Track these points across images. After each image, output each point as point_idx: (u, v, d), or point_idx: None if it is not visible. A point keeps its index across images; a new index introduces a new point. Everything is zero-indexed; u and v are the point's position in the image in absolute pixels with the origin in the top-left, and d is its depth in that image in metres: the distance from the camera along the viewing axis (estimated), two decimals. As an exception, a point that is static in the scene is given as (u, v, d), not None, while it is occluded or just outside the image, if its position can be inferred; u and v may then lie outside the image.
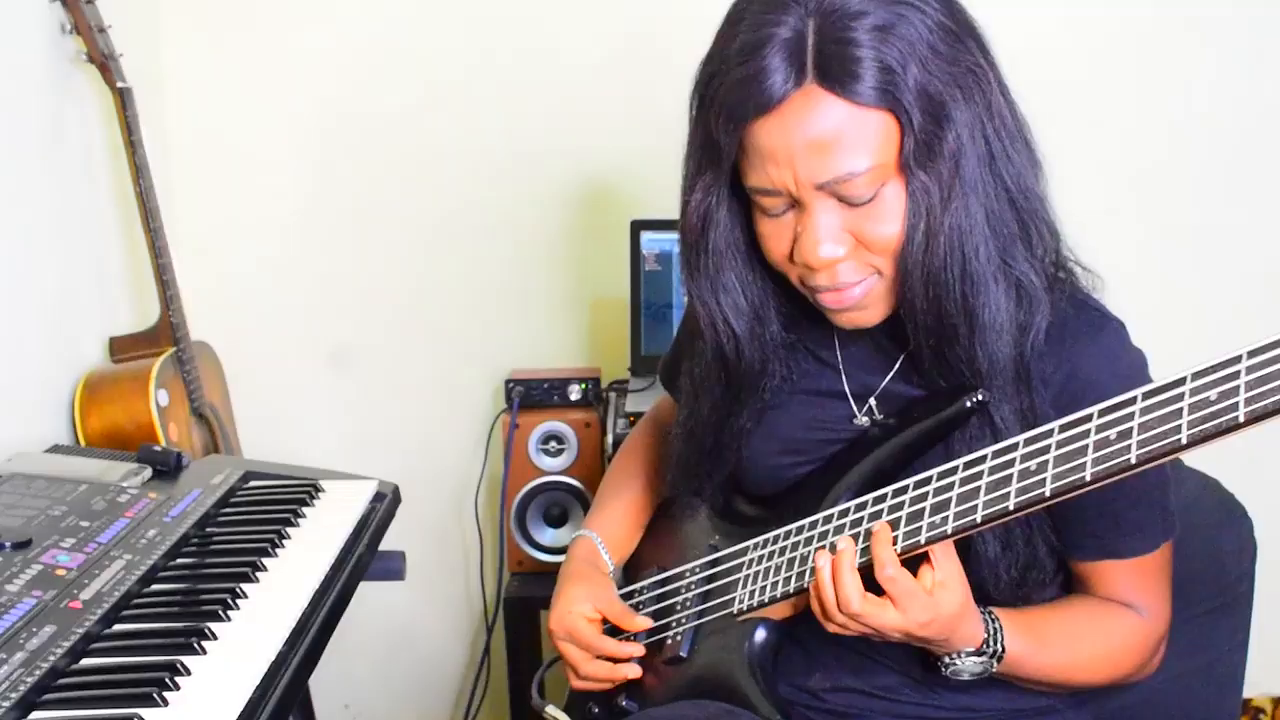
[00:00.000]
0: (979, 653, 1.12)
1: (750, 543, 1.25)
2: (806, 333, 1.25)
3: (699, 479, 1.31)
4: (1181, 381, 0.91)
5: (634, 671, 1.30)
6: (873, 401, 1.22)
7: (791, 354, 1.24)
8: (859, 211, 1.08)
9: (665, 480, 1.39)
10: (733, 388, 1.24)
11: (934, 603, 1.07)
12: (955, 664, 1.14)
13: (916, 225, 1.08)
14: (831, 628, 1.12)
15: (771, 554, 1.21)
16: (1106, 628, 1.20)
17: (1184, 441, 0.89)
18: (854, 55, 1.02)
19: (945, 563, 1.09)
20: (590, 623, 1.32)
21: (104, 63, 1.92)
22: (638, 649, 1.31)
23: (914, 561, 1.09)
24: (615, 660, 1.31)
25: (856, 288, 1.12)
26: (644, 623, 1.31)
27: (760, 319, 1.21)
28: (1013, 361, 1.11)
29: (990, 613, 1.14)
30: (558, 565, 1.42)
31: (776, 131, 1.06)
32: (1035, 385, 1.12)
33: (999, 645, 1.13)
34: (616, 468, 1.52)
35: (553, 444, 2.24)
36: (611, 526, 1.44)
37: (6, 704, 1.00)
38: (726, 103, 1.07)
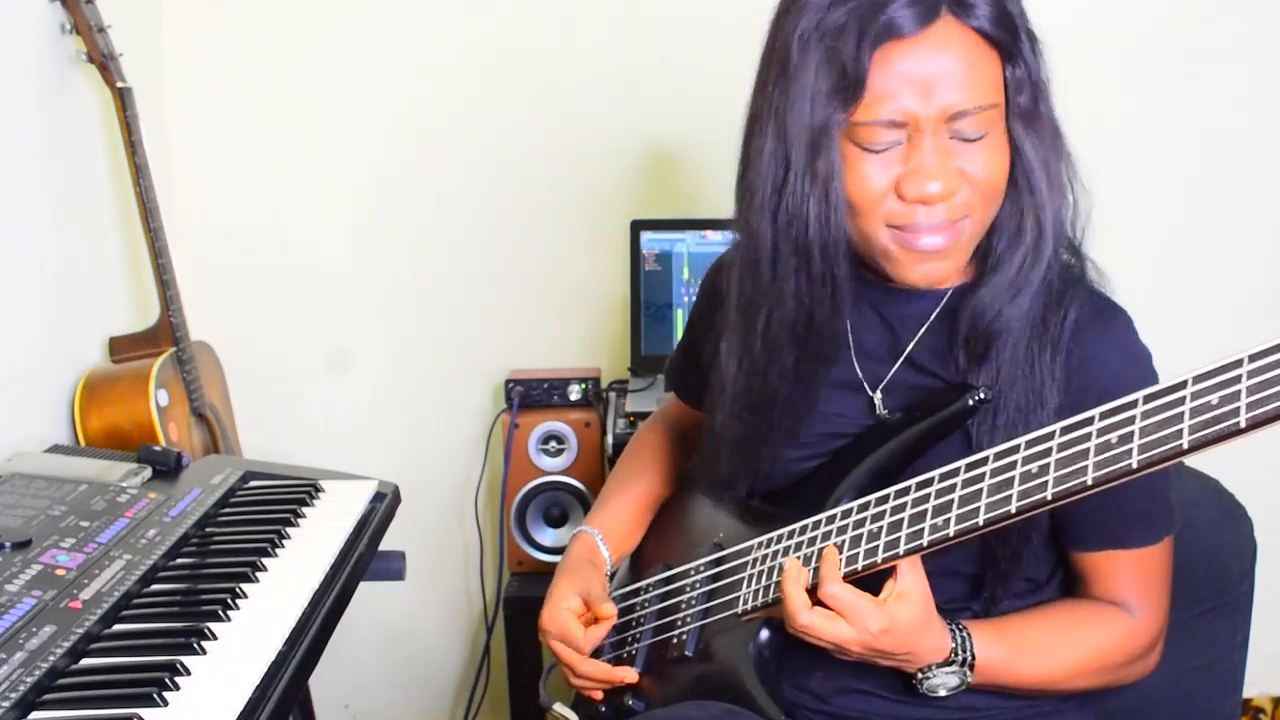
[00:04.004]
0: (948, 663, 1.14)
1: (755, 541, 1.25)
2: None
3: (755, 459, 1.27)
4: (1183, 385, 0.90)
5: (630, 676, 1.30)
6: (879, 395, 1.23)
7: None
8: (968, 148, 1.11)
9: (701, 476, 1.36)
10: (809, 349, 1.21)
11: (887, 613, 1.09)
12: (929, 678, 1.15)
13: (1035, 170, 1.13)
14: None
15: (775, 553, 1.21)
16: (1089, 631, 1.19)
17: (1185, 446, 0.88)
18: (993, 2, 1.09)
19: (908, 576, 1.10)
20: (579, 619, 1.32)
21: (104, 63, 1.92)
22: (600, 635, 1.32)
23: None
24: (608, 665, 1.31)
25: (949, 231, 1.13)
26: (609, 609, 1.32)
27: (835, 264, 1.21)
28: (1032, 316, 1.15)
29: (957, 623, 1.15)
30: (558, 565, 1.42)
31: (917, 57, 1.08)
32: (1057, 350, 1.14)
33: (968, 654, 1.14)
34: (622, 465, 1.52)
35: (553, 444, 2.24)
36: (613, 522, 1.44)
37: (6, 704, 1.00)
38: (864, 28, 1.08)
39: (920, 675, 1.15)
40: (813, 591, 1.13)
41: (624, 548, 1.45)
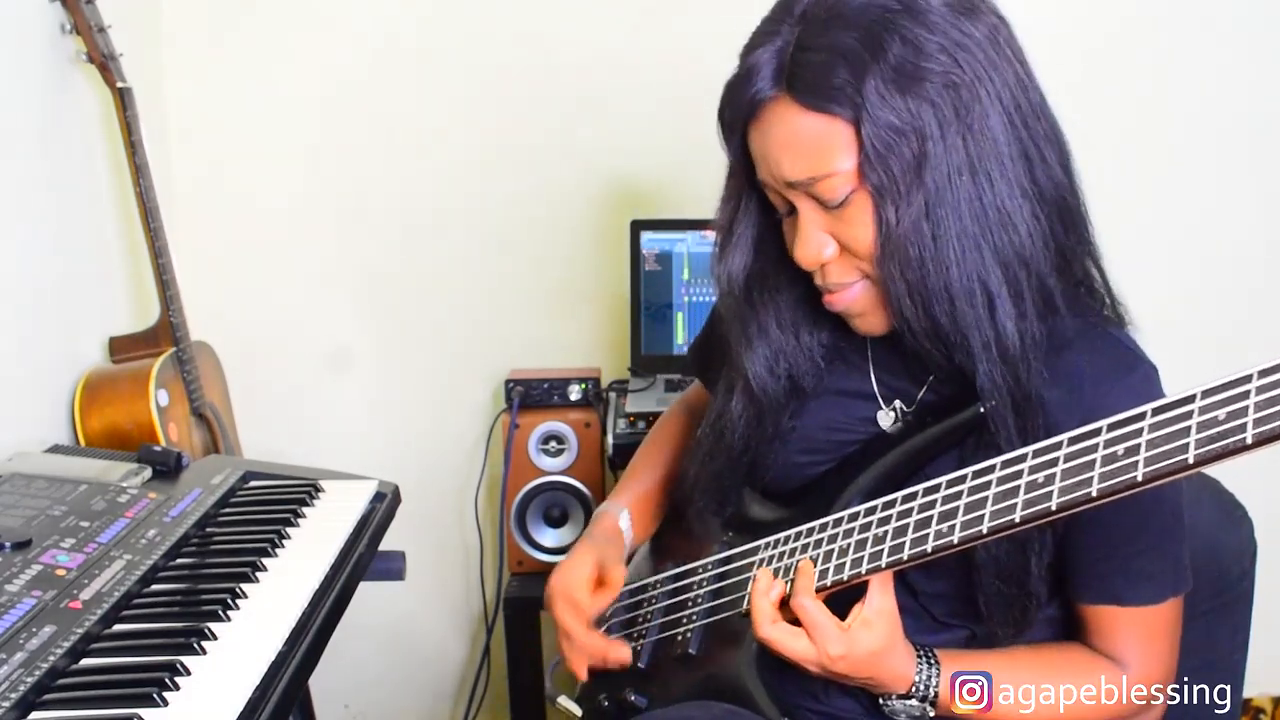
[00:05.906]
0: (907, 696, 1.14)
1: (761, 542, 1.25)
2: (842, 334, 1.25)
3: (722, 482, 1.30)
4: (1191, 399, 0.90)
5: (625, 656, 1.30)
6: (899, 405, 1.23)
7: (828, 354, 1.25)
8: (836, 215, 1.11)
9: (688, 477, 1.36)
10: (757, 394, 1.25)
11: (848, 640, 1.10)
12: (890, 704, 1.16)
13: (886, 234, 1.09)
14: None
15: (781, 554, 1.21)
16: (1073, 681, 1.17)
17: (1190, 460, 0.88)
18: (819, 64, 1.06)
19: (876, 599, 1.11)
20: (589, 583, 1.32)
21: (104, 63, 1.92)
22: (616, 646, 1.31)
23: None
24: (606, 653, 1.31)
25: (849, 290, 1.15)
26: (618, 575, 1.33)
27: (790, 326, 1.23)
28: (1010, 384, 1.09)
29: (929, 656, 1.15)
30: (579, 537, 1.42)
31: (758, 135, 1.13)
32: (1048, 411, 1.10)
33: (930, 690, 1.14)
34: (647, 448, 1.53)
35: (553, 444, 2.24)
36: (636, 501, 1.45)
37: (6, 704, 1.00)
38: (724, 106, 1.16)
39: (882, 700, 1.16)
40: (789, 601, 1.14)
41: (644, 529, 1.46)
